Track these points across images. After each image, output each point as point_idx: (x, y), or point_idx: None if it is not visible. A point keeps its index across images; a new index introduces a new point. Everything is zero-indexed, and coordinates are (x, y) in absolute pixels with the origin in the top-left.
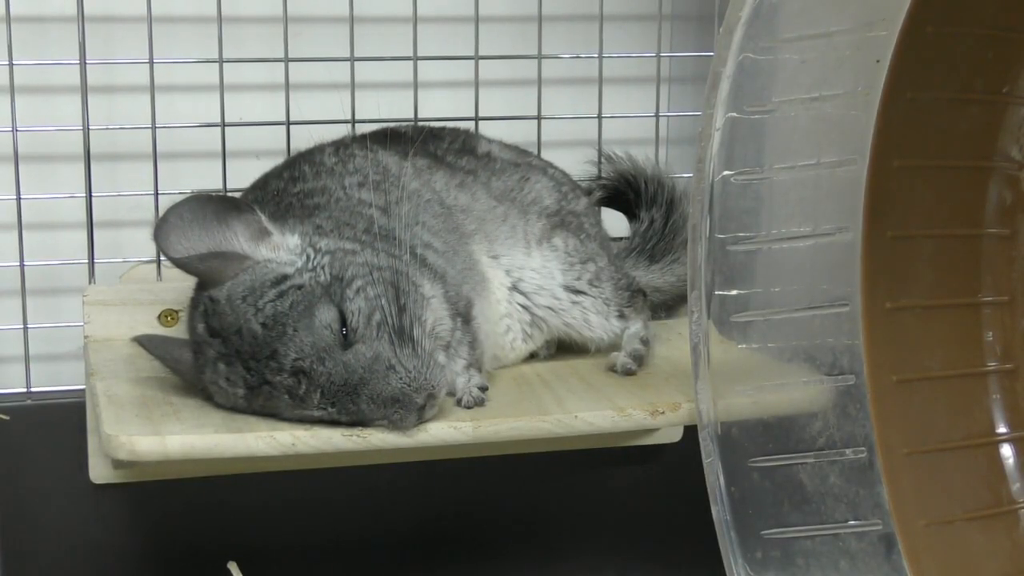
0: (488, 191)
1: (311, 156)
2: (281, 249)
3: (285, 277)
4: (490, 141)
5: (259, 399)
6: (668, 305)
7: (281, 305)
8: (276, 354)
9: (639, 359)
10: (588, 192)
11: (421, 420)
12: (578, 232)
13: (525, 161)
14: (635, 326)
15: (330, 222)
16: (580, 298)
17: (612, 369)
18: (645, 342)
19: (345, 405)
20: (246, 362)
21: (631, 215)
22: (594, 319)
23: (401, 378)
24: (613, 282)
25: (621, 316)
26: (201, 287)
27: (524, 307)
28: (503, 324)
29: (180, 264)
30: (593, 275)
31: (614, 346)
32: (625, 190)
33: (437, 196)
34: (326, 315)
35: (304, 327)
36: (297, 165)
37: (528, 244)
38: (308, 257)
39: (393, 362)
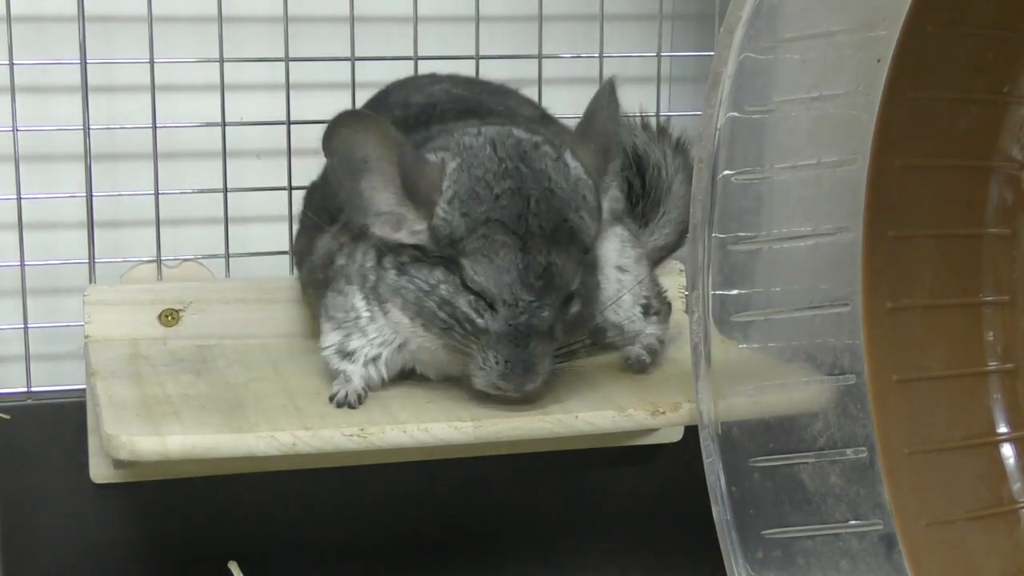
0: None
1: None
2: None
3: None
4: None
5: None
6: (672, 248)
7: None
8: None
9: (653, 353)
10: None
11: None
12: (630, 226)
13: None
14: (653, 327)
15: None
16: (623, 276)
17: (627, 362)
18: (660, 341)
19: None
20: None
21: None
22: (627, 298)
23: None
24: (648, 270)
25: (646, 311)
26: None
27: None
28: None
29: None
30: (639, 256)
31: (626, 340)
32: None
33: None
34: None
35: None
36: None
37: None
38: None
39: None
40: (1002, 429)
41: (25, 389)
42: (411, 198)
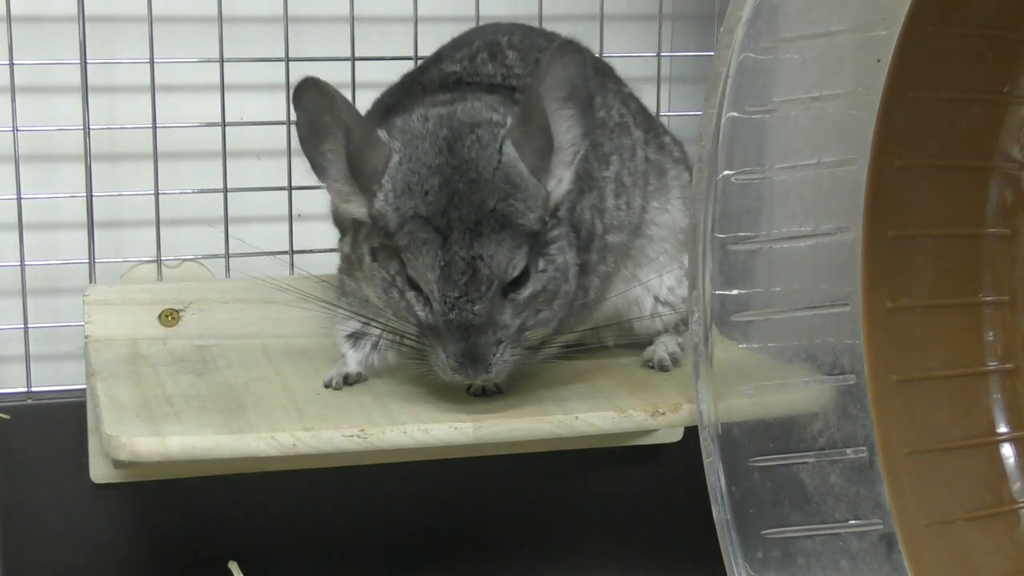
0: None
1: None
2: None
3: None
4: None
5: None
6: None
7: None
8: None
9: (676, 362)
10: None
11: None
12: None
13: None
14: (671, 335)
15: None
16: (663, 308)
17: (647, 362)
18: (683, 348)
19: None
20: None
21: None
22: (660, 323)
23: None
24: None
25: (671, 331)
26: None
27: None
28: None
29: None
30: (687, 287)
31: (647, 343)
32: None
33: None
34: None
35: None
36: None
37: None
38: None
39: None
40: (1002, 429)
41: (25, 389)
42: (356, 180)
